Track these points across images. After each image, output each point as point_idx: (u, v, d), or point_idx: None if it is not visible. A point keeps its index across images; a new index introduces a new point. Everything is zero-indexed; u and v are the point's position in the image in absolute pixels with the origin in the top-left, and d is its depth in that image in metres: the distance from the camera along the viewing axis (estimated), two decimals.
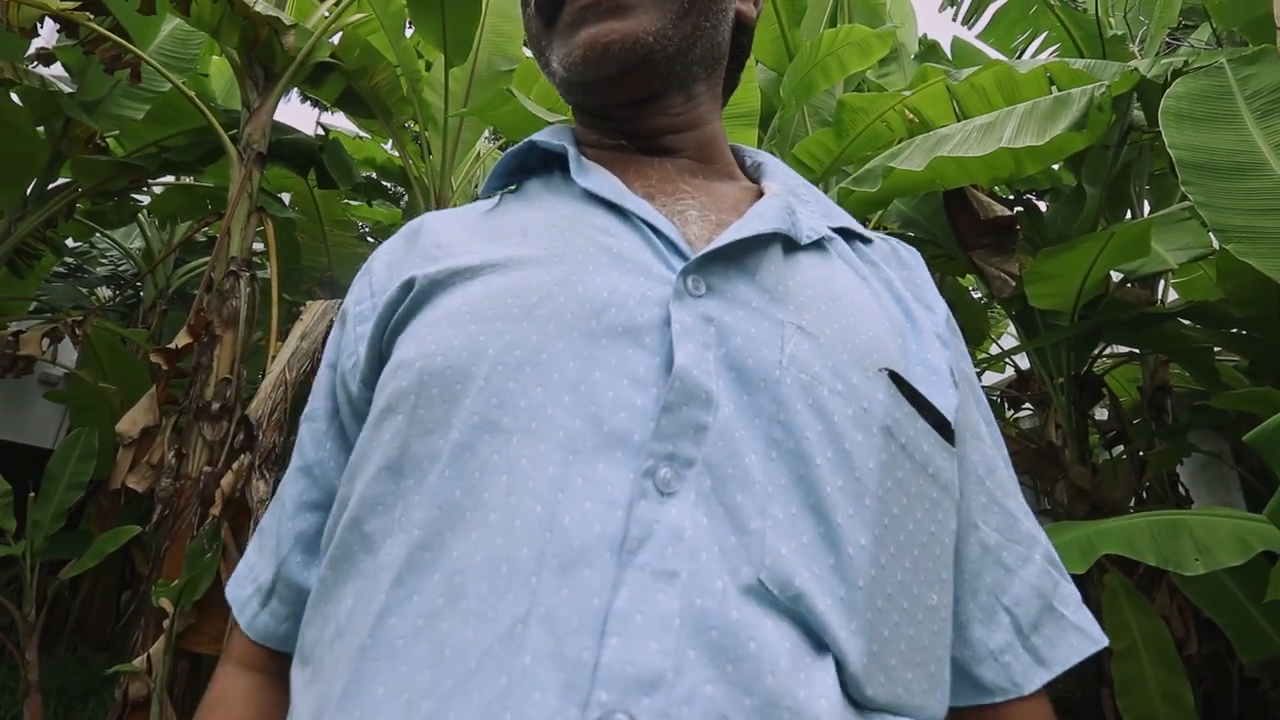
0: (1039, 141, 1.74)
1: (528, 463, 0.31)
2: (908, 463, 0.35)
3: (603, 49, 0.42)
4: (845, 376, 0.35)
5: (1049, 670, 0.39)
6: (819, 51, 2.84)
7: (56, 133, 3.08)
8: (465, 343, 0.35)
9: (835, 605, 0.30)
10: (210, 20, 2.57)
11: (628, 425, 0.32)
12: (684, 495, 0.30)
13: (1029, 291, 2.37)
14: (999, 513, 0.42)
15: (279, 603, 0.44)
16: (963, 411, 0.42)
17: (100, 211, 3.92)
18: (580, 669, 0.27)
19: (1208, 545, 1.23)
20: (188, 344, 2.43)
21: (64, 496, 2.57)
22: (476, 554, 0.30)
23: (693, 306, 0.35)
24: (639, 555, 0.29)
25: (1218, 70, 1.83)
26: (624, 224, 0.40)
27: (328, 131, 4.58)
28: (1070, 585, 0.43)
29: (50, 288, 5.28)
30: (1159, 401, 3.65)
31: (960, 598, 0.39)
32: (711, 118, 0.50)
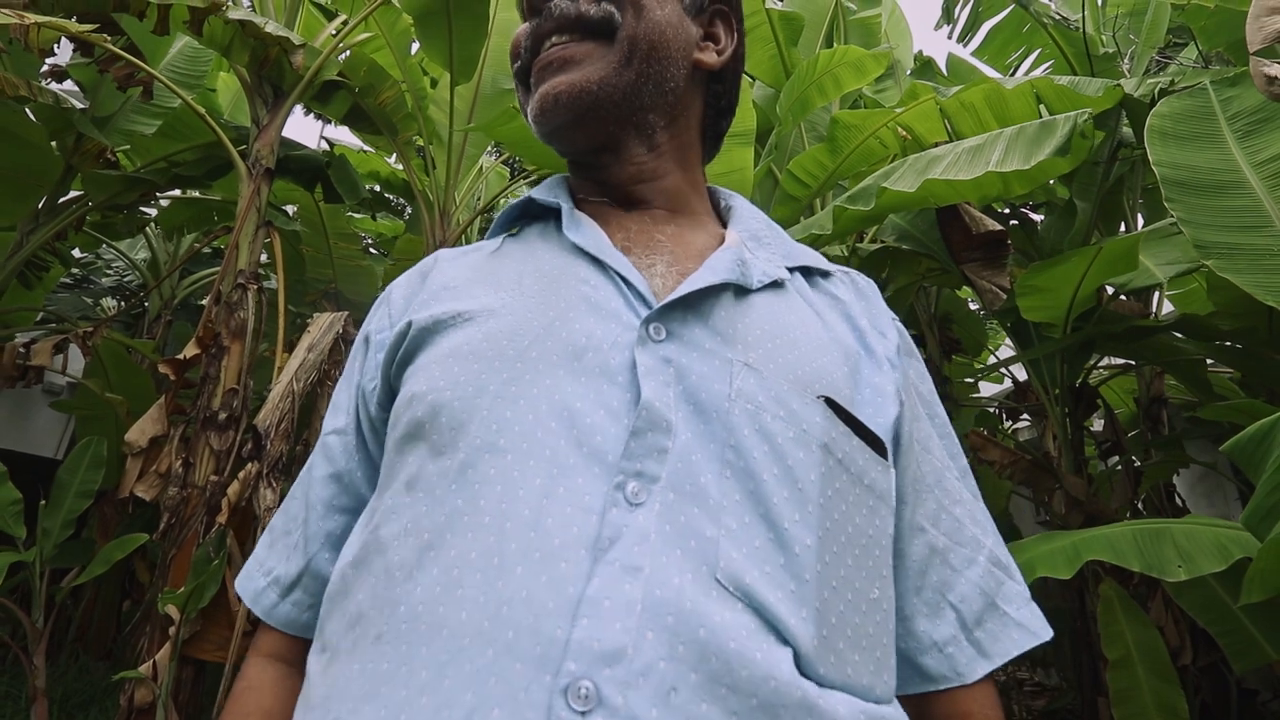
0: (1025, 166, 1.80)
1: (519, 475, 0.37)
2: (844, 474, 0.40)
3: (554, 99, 0.50)
4: (786, 403, 0.41)
5: (990, 661, 0.44)
6: (816, 70, 2.91)
7: (69, 148, 3.15)
8: (470, 379, 0.41)
9: (786, 597, 0.35)
10: (222, 40, 2.64)
11: (604, 447, 0.37)
12: (649, 506, 0.35)
13: (1020, 304, 2.41)
14: (947, 519, 0.47)
15: (303, 593, 0.49)
16: (912, 426, 0.47)
17: (109, 224, 3.99)
18: (554, 644, 0.32)
19: (1190, 553, 1.26)
20: (196, 355, 2.47)
21: (73, 505, 2.60)
22: (473, 550, 0.35)
23: (654, 350, 0.41)
24: (610, 552, 0.34)
25: (1201, 91, 1.88)
26: (603, 276, 0.47)
27: (333, 146, 4.66)
28: (1017, 585, 0.48)
29: (56, 298, 5.34)
30: (1155, 413, 3.69)
31: (904, 594, 0.45)
32: (675, 168, 0.55)
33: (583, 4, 0.51)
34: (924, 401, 0.51)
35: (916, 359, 0.52)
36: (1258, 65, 1.33)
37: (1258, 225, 1.57)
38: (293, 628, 0.49)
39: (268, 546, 0.53)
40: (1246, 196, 1.62)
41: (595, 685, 0.31)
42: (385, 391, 0.49)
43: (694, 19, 0.56)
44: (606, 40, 0.51)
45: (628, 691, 0.31)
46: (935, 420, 0.51)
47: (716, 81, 0.59)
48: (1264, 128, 1.71)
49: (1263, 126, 1.72)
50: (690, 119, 0.57)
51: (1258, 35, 1.34)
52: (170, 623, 2.15)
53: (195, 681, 2.26)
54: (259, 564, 0.52)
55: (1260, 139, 1.71)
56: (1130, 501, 3.34)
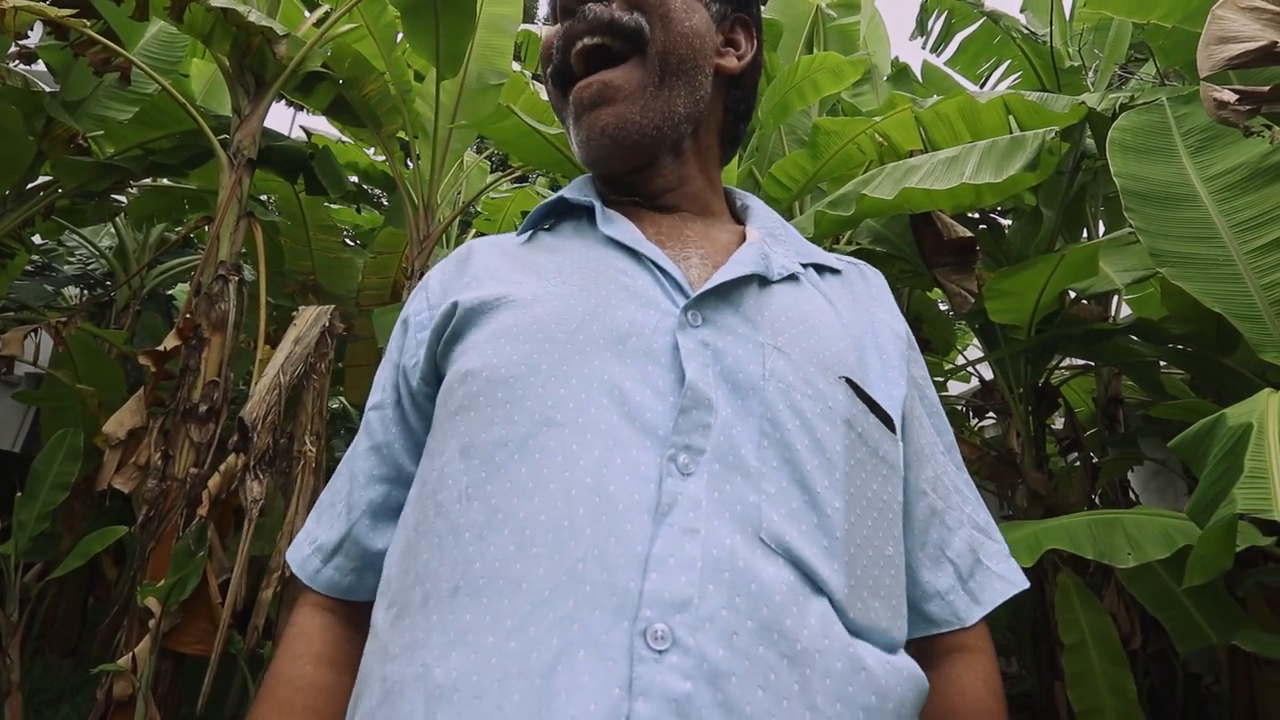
0: (997, 179, 1.90)
1: (578, 448, 0.41)
2: (863, 447, 0.45)
3: (601, 132, 0.54)
4: (813, 383, 0.45)
5: (982, 608, 0.51)
6: (796, 75, 2.98)
7: (38, 132, 3.06)
8: (522, 358, 0.45)
9: (820, 553, 0.40)
10: (202, 27, 2.61)
11: (654, 423, 0.42)
12: (698, 476, 0.40)
13: (988, 307, 2.52)
14: (941, 486, 0.54)
15: (344, 558, 0.53)
16: (911, 404, 0.53)
17: (79, 211, 3.88)
18: (628, 595, 0.36)
19: (1138, 540, 1.36)
20: (175, 346, 2.45)
21: (49, 497, 2.55)
22: (541, 514, 0.39)
23: (693, 334, 0.45)
24: (669, 516, 0.38)
25: (1158, 107, 2.00)
26: (639, 266, 0.51)
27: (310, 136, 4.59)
28: (996, 544, 0.55)
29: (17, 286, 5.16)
30: (1112, 412, 3.87)
31: (910, 549, 0.50)
32: (698, 173, 0.60)
33: (616, 10, 0.54)
34: (916, 384, 0.56)
35: (915, 347, 0.58)
36: (1208, 90, 1.43)
37: (1207, 237, 1.68)
38: (335, 590, 0.53)
39: (315, 519, 0.56)
40: (1197, 209, 1.73)
41: (670, 628, 0.35)
42: (429, 367, 0.52)
43: (717, 26, 0.60)
44: (638, 52, 0.54)
45: (697, 634, 0.35)
46: (925, 401, 0.57)
47: (735, 87, 0.62)
48: (1214, 144, 1.83)
49: (1213, 143, 1.83)
50: (712, 124, 0.61)
51: (1207, 62, 1.44)
52: (149, 616, 2.13)
53: (175, 675, 2.25)
54: (306, 535, 0.56)
55: (1210, 154, 1.82)
56: (1088, 496, 3.50)
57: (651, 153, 0.56)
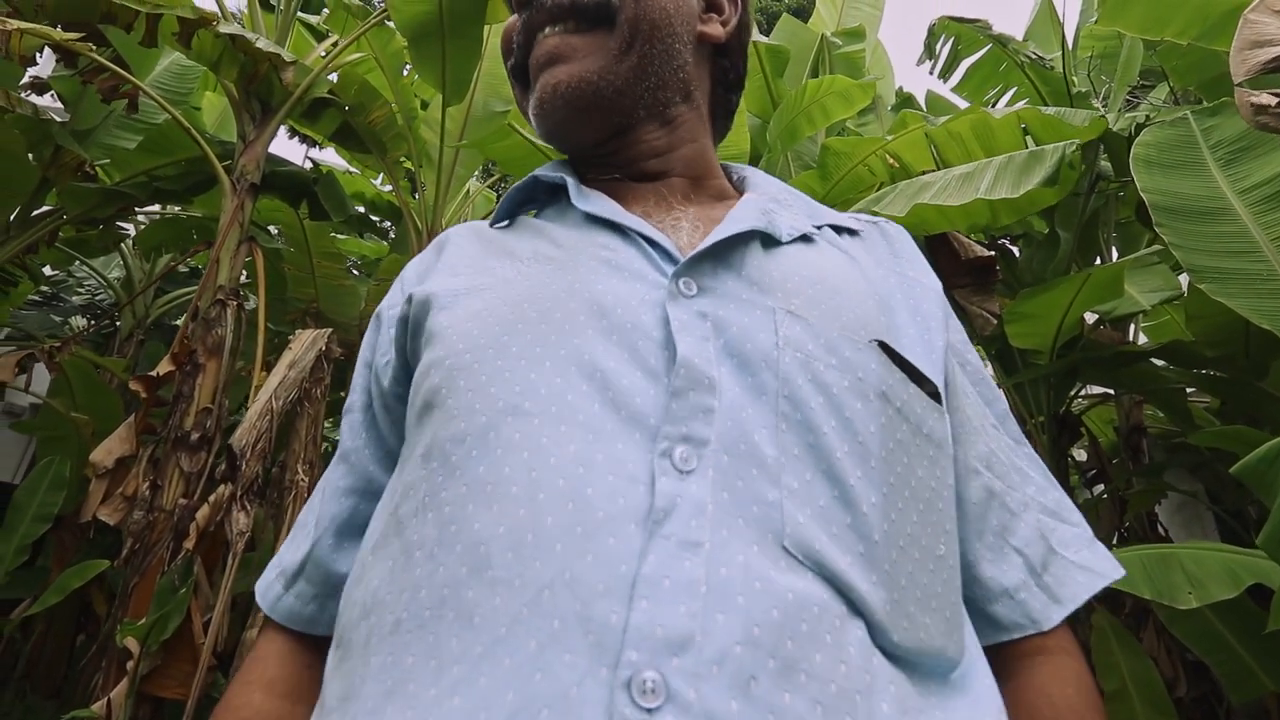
0: (1014, 194, 1.83)
1: (549, 441, 0.33)
2: (904, 424, 0.37)
3: (552, 90, 0.48)
4: (838, 351, 0.38)
5: (1063, 607, 0.41)
6: (804, 100, 2.97)
7: (45, 160, 3.07)
8: (490, 341, 0.38)
9: (855, 561, 0.32)
10: (211, 54, 2.62)
11: (643, 409, 0.34)
12: (702, 473, 0.32)
13: (1009, 331, 2.43)
14: (997, 462, 0.44)
15: (305, 584, 0.46)
16: (952, 370, 0.45)
17: (83, 239, 3.88)
18: (609, 631, 0.27)
19: (1200, 578, 1.24)
20: (169, 372, 2.38)
21: (29, 529, 2.46)
22: (500, 525, 0.31)
23: (687, 305, 0.38)
24: (665, 525, 0.30)
25: (1182, 121, 1.94)
26: (623, 240, 0.44)
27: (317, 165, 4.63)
28: (1073, 528, 0.44)
29: (23, 315, 5.16)
30: (1135, 442, 3.73)
31: (966, 539, 0.41)
32: (695, 136, 0.53)
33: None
34: (955, 351, 0.48)
35: (951, 313, 0.50)
36: (1244, 95, 1.37)
37: (1247, 250, 1.60)
38: (296, 621, 0.46)
39: (288, 542, 0.50)
40: (1233, 223, 1.65)
41: (663, 677, 0.26)
42: (400, 365, 0.46)
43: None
44: (606, 27, 0.48)
45: (701, 684, 0.26)
46: (968, 368, 0.49)
47: (722, 55, 0.56)
48: (1245, 156, 1.76)
49: (1244, 155, 1.77)
50: (701, 95, 0.55)
51: (1242, 67, 1.38)
52: (128, 656, 2.01)
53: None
54: (276, 559, 0.50)
55: (1243, 167, 1.75)
56: (1117, 529, 3.35)
57: (614, 119, 0.49)
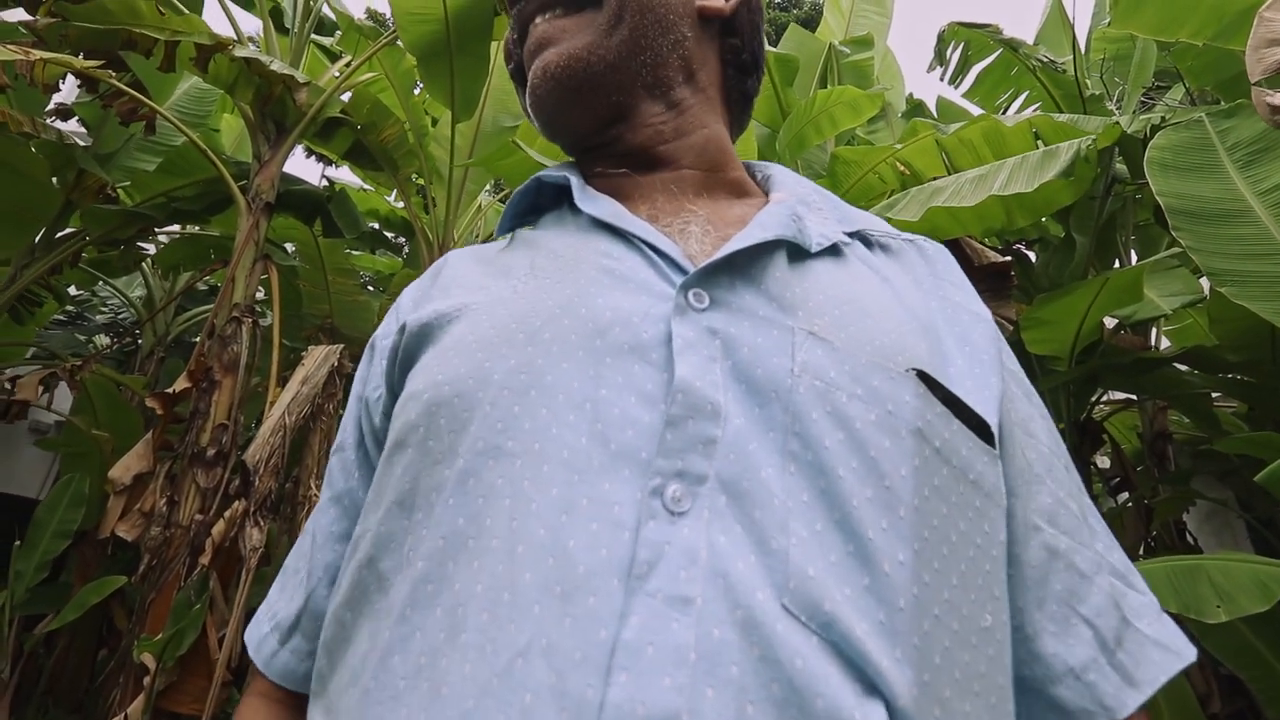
0: (1029, 189, 1.80)
1: (530, 485, 0.30)
2: (944, 468, 0.32)
3: (542, 74, 0.45)
4: (865, 380, 0.33)
5: (1139, 692, 0.35)
6: (813, 109, 2.96)
7: (69, 183, 3.14)
8: (471, 370, 0.35)
9: (874, 630, 0.27)
10: (227, 78, 2.67)
11: (635, 442, 0.30)
12: (696, 514, 0.28)
13: (1026, 337, 2.39)
14: (1066, 516, 0.38)
15: (302, 639, 0.43)
16: (1010, 406, 0.39)
17: (105, 260, 3.97)
18: (585, 708, 0.24)
19: (1229, 591, 1.20)
20: (186, 389, 2.41)
21: (50, 545, 2.49)
22: (478, 583, 0.28)
23: (695, 320, 0.34)
24: (649, 581, 0.27)
25: (1197, 124, 1.90)
26: (626, 247, 0.40)
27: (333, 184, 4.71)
28: (1142, 596, 0.39)
29: (49, 335, 5.28)
30: (1159, 448, 3.64)
31: (1024, 608, 0.36)
32: (706, 122, 0.49)
33: None
34: (1016, 379, 0.42)
35: (1006, 347, 0.44)
36: (1260, 95, 1.34)
37: (1268, 253, 1.56)
38: (290, 680, 0.43)
39: (279, 589, 0.46)
40: (1253, 225, 1.62)
41: None
42: (390, 400, 0.43)
43: None
44: (594, 7, 0.46)
45: None
46: (1031, 399, 0.42)
47: (730, 34, 0.52)
48: (1264, 158, 1.73)
49: (1262, 156, 1.73)
50: (709, 76, 0.50)
51: (1258, 66, 1.35)
52: (145, 672, 2.02)
53: None
54: (268, 607, 0.46)
55: (1262, 168, 1.71)
56: (1143, 539, 3.26)
57: (612, 98, 0.46)
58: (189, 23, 2.62)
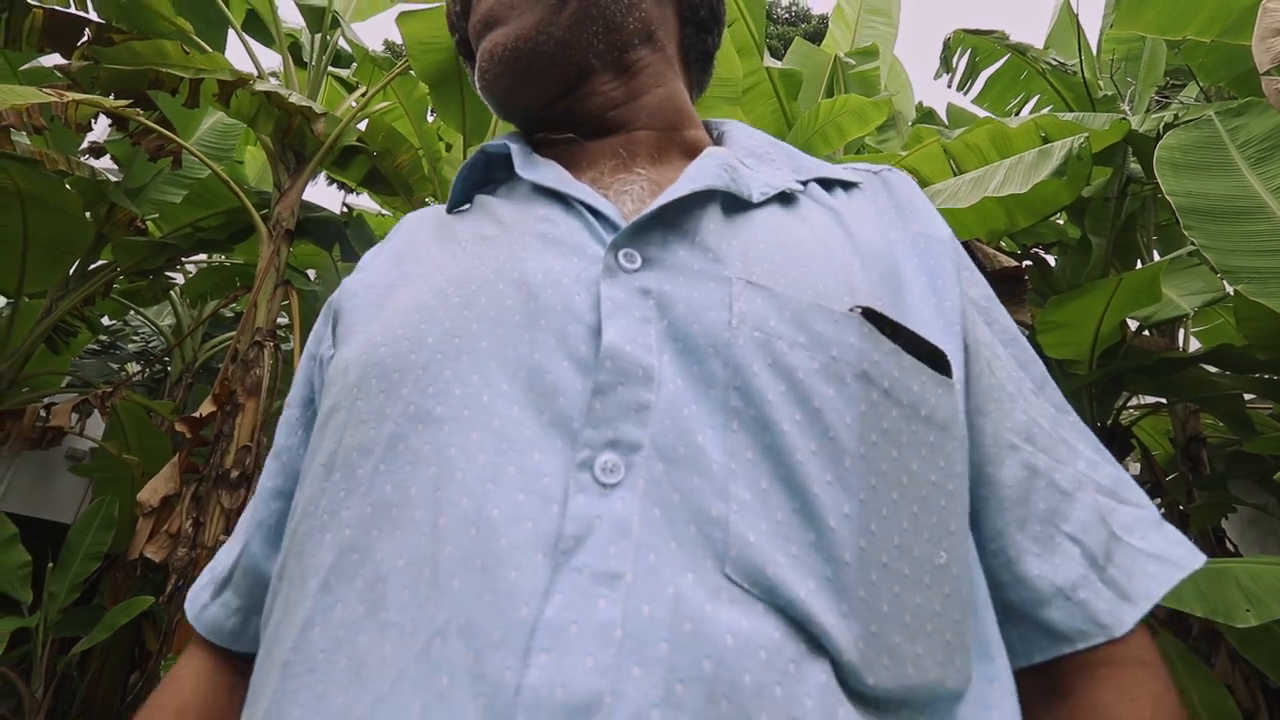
0: (1023, 189, 1.79)
1: (457, 452, 0.29)
2: (894, 409, 0.31)
3: (489, 56, 0.43)
4: (808, 325, 0.32)
5: (1136, 606, 0.34)
6: (819, 119, 2.98)
7: (101, 217, 3.28)
8: (407, 332, 0.34)
9: (820, 588, 0.27)
10: (248, 111, 2.78)
11: (567, 411, 0.29)
12: (630, 485, 0.27)
13: (1042, 341, 2.36)
14: (1041, 434, 0.37)
15: (233, 594, 0.43)
16: (973, 329, 0.38)
17: (135, 290, 4.11)
18: (501, 691, 0.23)
19: (1258, 595, 1.16)
20: (211, 412, 2.48)
21: (81, 567, 2.56)
22: (400, 557, 0.27)
23: (627, 281, 0.33)
24: (576, 556, 0.25)
25: (1206, 122, 1.88)
26: (564, 210, 0.38)
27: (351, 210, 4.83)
28: (1135, 509, 0.37)
29: (83, 364, 5.47)
30: (1194, 452, 3.54)
31: (1004, 530, 0.35)
32: (662, 81, 0.47)
33: None
34: (979, 308, 0.41)
35: (969, 267, 0.42)
36: (1272, 83, 1.33)
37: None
38: (218, 635, 0.42)
39: (224, 547, 0.46)
40: (1268, 221, 1.59)
41: None
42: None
43: None
44: None
45: None
46: (996, 327, 0.41)
47: None
48: (1276, 154, 1.70)
49: (1275, 153, 1.70)
50: (666, 36, 0.48)
51: (1266, 56, 1.34)
52: None
53: None
54: (209, 565, 0.46)
55: (1273, 165, 1.69)
56: None
57: (563, 73, 0.44)
58: (212, 60, 2.74)
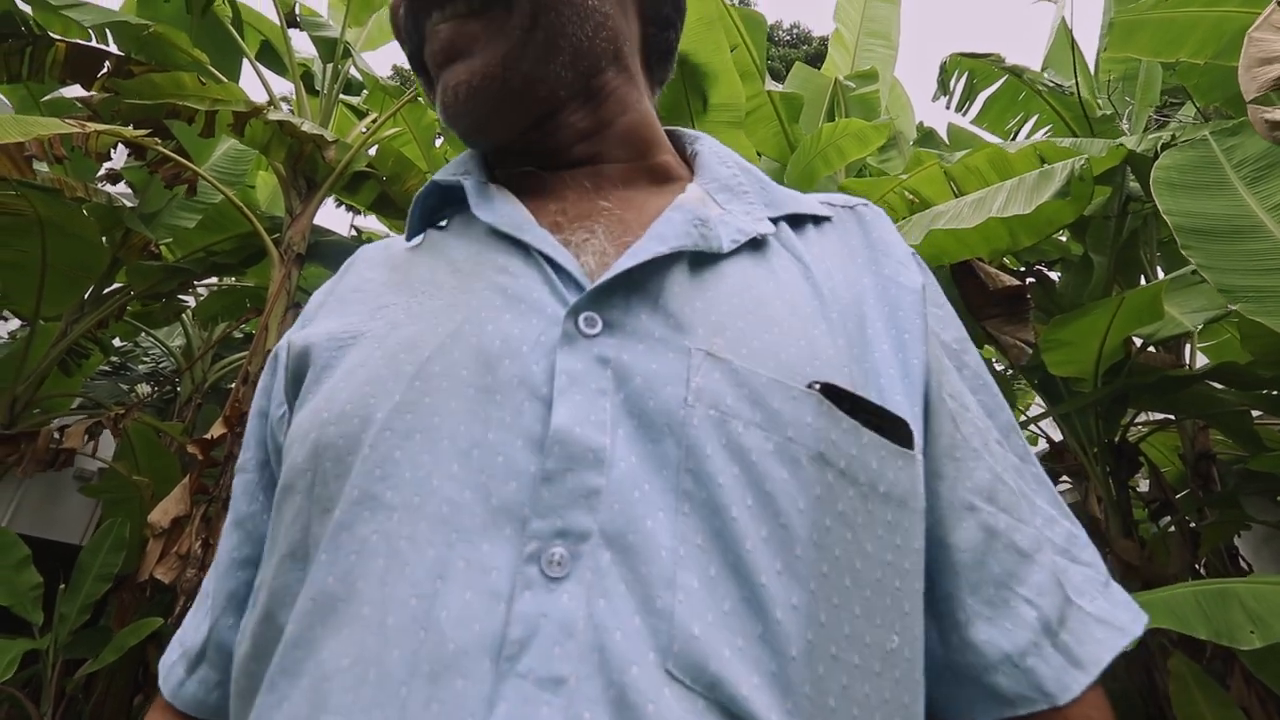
0: (1026, 210, 1.82)
1: (407, 544, 0.28)
2: (850, 489, 0.30)
3: (454, 94, 0.40)
4: (765, 403, 0.31)
5: (1085, 673, 0.33)
6: (819, 143, 3.03)
7: (116, 242, 3.35)
8: (356, 407, 0.32)
9: (764, 684, 0.26)
10: (262, 139, 2.85)
11: (517, 497, 0.28)
12: (578, 577, 0.26)
13: (1046, 359, 2.37)
14: (1005, 492, 0.36)
15: (209, 669, 0.41)
16: (941, 379, 0.37)
17: (147, 312, 4.18)
18: None
19: (1261, 615, 1.16)
20: (222, 434, 2.51)
21: (92, 589, 2.58)
22: (345, 656, 0.26)
23: (585, 349, 0.31)
24: (520, 661, 0.25)
25: (1202, 142, 1.91)
26: (524, 259, 0.36)
27: (361, 233, 4.91)
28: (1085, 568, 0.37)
29: (94, 385, 5.53)
30: (1203, 469, 3.51)
31: (954, 593, 0.34)
32: (628, 104, 0.45)
33: None
34: (950, 351, 0.40)
35: (942, 305, 0.42)
36: (1257, 112, 1.35)
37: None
38: (201, 710, 0.41)
39: (192, 614, 0.44)
40: (1265, 240, 1.60)
41: None
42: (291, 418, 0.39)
43: None
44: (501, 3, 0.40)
45: None
46: (966, 372, 0.40)
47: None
48: (1271, 173, 1.72)
49: (1270, 172, 1.72)
50: (630, 49, 0.46)
51: (1252, 85, 1.37)
52: None
53: None
54: (180, 633, 0.44)
55: (1269, 184, 1.71)
56: (1190, 565, 3.12)
57: (532, 108, 0.41)
58: (228, 91, 2.82)
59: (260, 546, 0.40)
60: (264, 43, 3.72)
